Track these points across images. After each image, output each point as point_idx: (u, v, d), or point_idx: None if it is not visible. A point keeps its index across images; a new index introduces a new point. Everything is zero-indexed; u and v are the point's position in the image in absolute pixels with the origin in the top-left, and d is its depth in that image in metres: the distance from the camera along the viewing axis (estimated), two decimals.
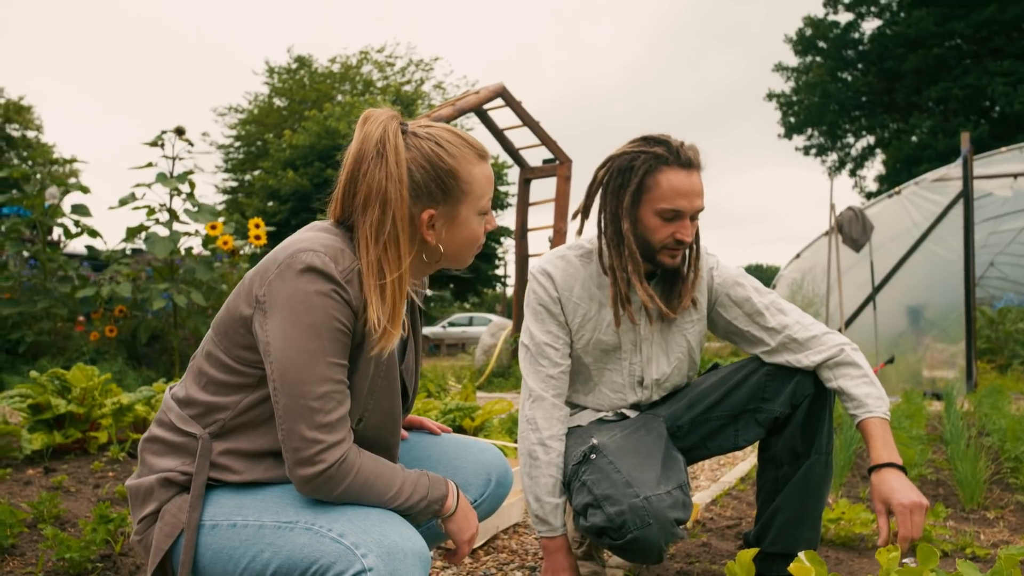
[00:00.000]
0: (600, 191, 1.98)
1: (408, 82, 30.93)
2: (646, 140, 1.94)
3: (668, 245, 1.91)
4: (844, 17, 27.71)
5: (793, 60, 29.02)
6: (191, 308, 6.09)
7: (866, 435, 1.89)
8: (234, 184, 31.60)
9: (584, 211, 2.03)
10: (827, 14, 27.90)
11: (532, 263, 2.09)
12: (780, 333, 1.98)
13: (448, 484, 1.43)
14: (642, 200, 1.91)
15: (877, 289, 7.78)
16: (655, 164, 1.90)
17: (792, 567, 1.56)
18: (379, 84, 31.49)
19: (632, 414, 2.06)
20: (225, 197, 30.74)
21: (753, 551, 1.64)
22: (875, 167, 29.91)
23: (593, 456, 1.82)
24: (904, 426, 3.74)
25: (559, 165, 8.30)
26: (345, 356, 1.30)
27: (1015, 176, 7.60)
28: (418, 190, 1.37)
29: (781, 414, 1.94)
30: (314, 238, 1.32)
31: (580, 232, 2.04)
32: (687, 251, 2.01)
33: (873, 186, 28.90)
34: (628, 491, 1.70)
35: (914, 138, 25.98)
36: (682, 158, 1.88)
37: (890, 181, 26.57)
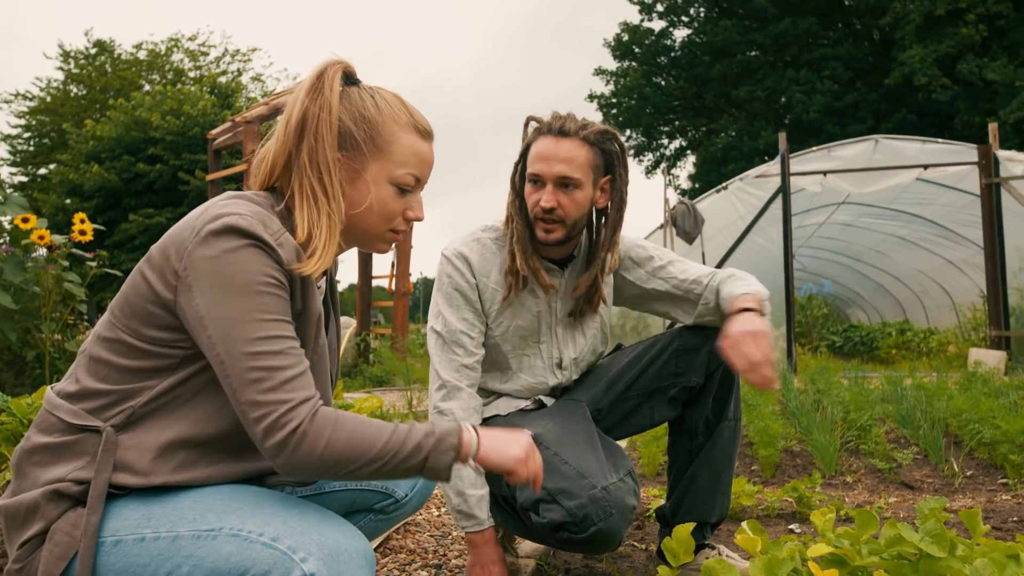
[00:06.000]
0: None
1: (224, 73, 29.27)
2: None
3: (537, 215, 1.85)
4: (658, 24, 29.33)
5: (612, 64, 30.35)
6: None
7: (731, 305, 1.81)
8: (24, 179, 28.61)
9: None
10: (642, 21, 29.40)
11: (445, 245, 1.98)
12: (685, 281, 1.97)
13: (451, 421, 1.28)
14: (523, 170, 1.90)
15: None
16: (535, 135, 1.88)
17: (738, 538, 1.57)
18: (192, 74, 29.62)
19: (549, 401, 2.00)
20: (16, 193, 27.72)
21: (690, 525, 1.63)
22: (687, 167, 31.94)
23: None
24: (759, 403, 3.96)
25: None
26: (289, 314, 1.17)
27: (824, 173, 8.33)
28: (340, 133, 1.29)
29: (696, 384, 1.95)
30: (232, 204, 1.19)
31: None
32: (593, 234, 1.96)
33: (686, 184, 30.83)
34: (584, 483, 1.63)
35: (720, 140, 27.95)
36: (554, 127, 1.84)
37: (701, 180, 28.44)
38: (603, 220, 1.95)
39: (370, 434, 1.14)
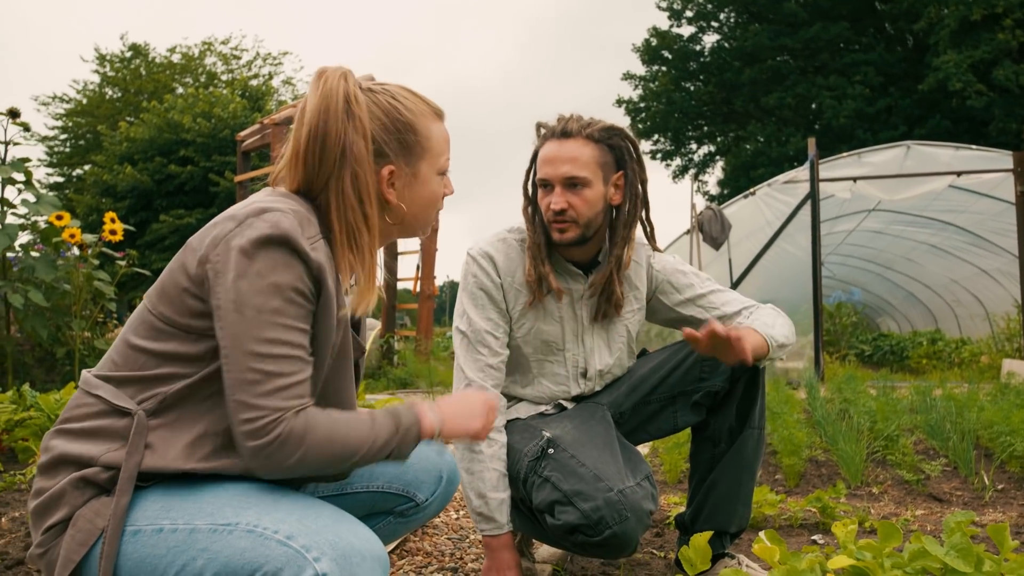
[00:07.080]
0: None
1: (255, 76, 29.59)
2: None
3: (550, 218, 1.87)
4: (687, 30, 29.16)
5: (641, 69, 30.23)
6: (29, 309, 5.46)
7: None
8: (60, 179, 29.12)
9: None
10: (671, 26, 29.25)
11: (470, 245, 1.99)
12: (725, 315, 1.98)
13: (414, 404, 1.31)
14: (534, 176, 1.92)
15: (735, 285, 8.18)
16: (542, 141, 1.90)
17: (755, 548, 1.54)
18: (224, 77, 29.99)
19: (570, 405, 1.99)
20: (51, 193, 28.14)
21: (707, 534, 1.60)
22: (716, 172, 31.70)
23: (551, 451, 1.73)
24: (784, 411, 3.91)
25: None
26: (306, 322, 1.18)
27: (854, 179, 8.22)
28: (377, 146, 1.29)
29: (721, 388, 1.93)
30: (276, 200, 1.20)
31: None
32: (608, 238, 1.95)
33: (715, 190, 30.60)
34: (600, 485, 1.62)
35: (748, 146, 27.71)
36: (557, 130, 1.86)
37: (729, 185, 28.21)
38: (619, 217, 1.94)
39: (342, 438, 1.17)
